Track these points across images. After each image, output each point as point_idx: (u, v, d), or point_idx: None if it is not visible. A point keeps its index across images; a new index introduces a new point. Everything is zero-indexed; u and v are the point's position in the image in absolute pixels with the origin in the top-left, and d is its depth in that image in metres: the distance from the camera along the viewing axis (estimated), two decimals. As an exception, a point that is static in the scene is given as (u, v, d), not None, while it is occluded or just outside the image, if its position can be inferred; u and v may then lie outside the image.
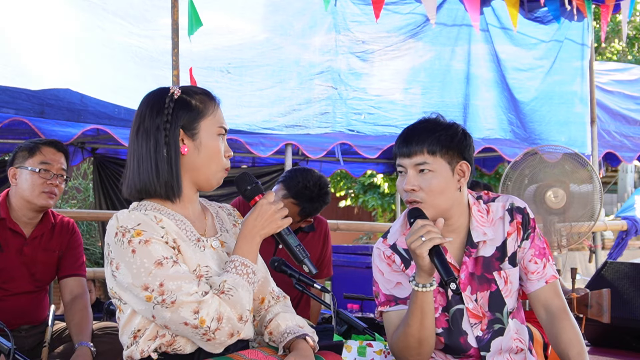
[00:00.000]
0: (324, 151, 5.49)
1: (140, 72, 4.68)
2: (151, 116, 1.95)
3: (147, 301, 1.83)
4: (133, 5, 4.77)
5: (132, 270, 1.83)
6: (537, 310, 2.29)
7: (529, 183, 4.22)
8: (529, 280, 2.28)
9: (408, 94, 5.69)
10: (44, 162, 3.01)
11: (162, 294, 1.81)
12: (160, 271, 1.82)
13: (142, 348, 1.91)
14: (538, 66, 6.09)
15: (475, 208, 2.28)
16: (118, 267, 1.86)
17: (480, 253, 2.26)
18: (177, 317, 1.81)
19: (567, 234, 4.21)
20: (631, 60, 13.73)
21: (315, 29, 5.36)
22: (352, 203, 12.28)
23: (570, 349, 2.21)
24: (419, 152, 2.17)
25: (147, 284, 1.82)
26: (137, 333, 1.92)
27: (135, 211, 1.92)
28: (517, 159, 4.21)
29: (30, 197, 3.00)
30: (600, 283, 3.77)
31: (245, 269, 1.91)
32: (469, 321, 2.25)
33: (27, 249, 3.05)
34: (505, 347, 2.26)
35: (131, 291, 1.85)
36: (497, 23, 5.89)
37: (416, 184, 2.17)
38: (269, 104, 5.18)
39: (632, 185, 13.87)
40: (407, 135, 2.22)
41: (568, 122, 6.11)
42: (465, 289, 2.24)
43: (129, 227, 1.86)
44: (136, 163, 1.95)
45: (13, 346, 2.56)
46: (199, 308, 1.81)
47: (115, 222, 1.89)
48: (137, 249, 1.84)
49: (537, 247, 2.29)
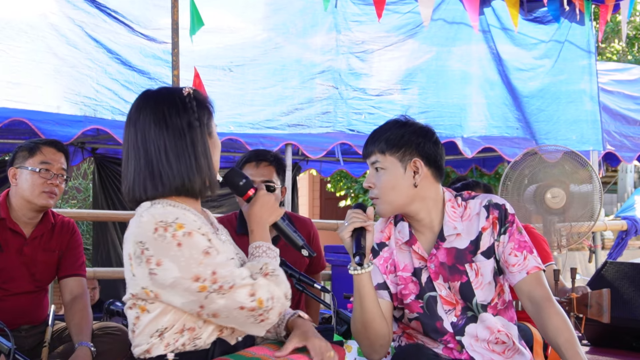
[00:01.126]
0: (323, 151, 5.49)
1: (143, 72, 4.68)
2: (177, 114, 1.96)
3: (200, 292, 1.83)
4: (133, 5, 4.77)
5: (180, 263, 1.83)
6: (523, 302, 2.34)
7: (528, 183, 4.23)
8: (510, 273, 2.33)
9: (407, 93, 5.70)
10: (44, 162, 3.01)
11: (215, 282, 1.83)
12: (210, 260, 1.85)
13: (167, 342, 1.91)
14: (539, 66, 6.09)
15: (449, 204, 2.37)
16: (160, 263, 1.84)
17: (454, 245, 2.34)
18: (232, 303, 1.85)
19: (567, 234, 4.21)
20: (631, 60, 13.72)
21: (316, 29, 5.37)
22: (352, 203, 12.27)
23: (559, 336, 2.24)
24: (372, 152, 2.35)
25: (198, 275, 1.83)
26: (164, 331, 1.92)
27: (167, 206, 1.92)
28: (516, 159, 4.22)
29: (30, 197, 3.00)
30: (600, 283, 3.78)
31: (273, 252, 2.02)
32: (443, 307, 2.33)
33: (27, 249, 3.05)
34: (482, 336, 2.31)
35: (178, 285, 1.84)
36: (497, 23, 5.90)
37: (372, 181, 2.34)
38: (271, 103, 5.19)
39: (632, 185, 13.86)
40: (368, 137, 2.39)
41: (578, 121, 6.08)
42: (437, 278, 2.34)
43: (169, 221, 1.85)
44: (173, 159, 1.95)
45: (13, 346, 2.56)
46: (254, 290, 1.86)
47: (151, 219, 1.86)
48: (183, 241, 1.84)
49: (517, 241, 2.33)
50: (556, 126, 6.04)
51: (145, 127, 1.96)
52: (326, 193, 12.91)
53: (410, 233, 2.38)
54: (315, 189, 14.00)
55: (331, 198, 13.06)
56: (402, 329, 2.45)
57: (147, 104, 1.99)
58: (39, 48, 4.50)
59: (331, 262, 5.37)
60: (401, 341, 2.46)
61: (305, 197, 13.65)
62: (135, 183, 1.97)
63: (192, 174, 1.96)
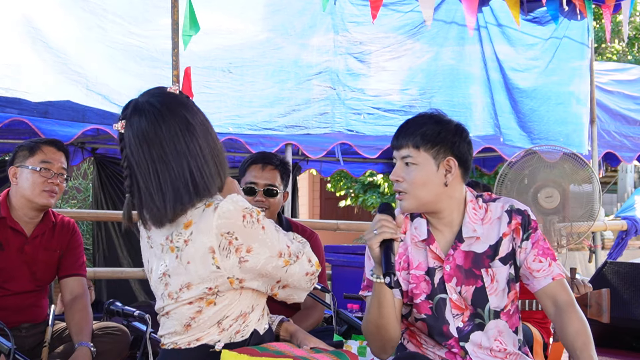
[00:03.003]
0: (324, 151, 5.50)
1: (141, 72, 4.68)
2: (191, 114, 1.99)
3: (284, 266, 1.99)
4: (133, 6, 4.77)
5: (267, 244, 1.95)
6: (546, 306, 2.33)
7: (529, 183, 4.22)
8: (534, 278, 2.31)
9: (406, 94, 5.70)
10: (45, 161, 3.02)
11: (290, 254, 2.00)
12: (280, 235, 2.00)
13: (223, 327, 2.00)
14: (534, 66, 6.10)
15: (471, 205, 2.34)
16: (250, 250, 1.94)
17: (472, 248, 2.32)
18: (301, 270, 2.03)
19: (567, 234, 4.21)
20: (631, 60, 13.72)
21: (315, 29, 5.37)
22: (352, 203, 12.27)
23: (576, 340, 2.24)
24: (405, 145, 2.28)
25: (280, 251, 1.98)
26: (223, 319, 2.00)
27: (236, 195, 1.98)
28: (512, 159, 4.21)
29: (31, 196, 3.00)
30: (600, 283, 3.78)
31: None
32: (451, 311, 2.31)
33: (28, 247, 3.05)
34: (485, 344, 2.30)
35: (268, 265, 1.96)
36: (495, 23, 5.90)
37: (401, 175, 2.28)
38: (269, 104, 5.19)
39: (632, 185, 13.86)
40: (400, 128, 2.33)
41: (566, 122, 6.11)
42: (451, 280, 2.30)
43: (251, 208, 1.96)
44: (210, 158, 1.99)
45: (13, 346, 2.57)
46: (309, 256, 2.05)
47: (237, 206, 1.93)
48: (265, 224, 1.97)
49: (541, 247, 2.32)
50: (547, 127, 6.06)
51: (173, 137, 1.95)
52: (326, 193, 12.92)
53: (428, 231, 2.34)
54: (315, 189, 14.00)
55: (331, 198, 13.07)
56: (406, 325, 2.43)
57: (161, 113, 1.96)
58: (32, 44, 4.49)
59: (331, 262, 5.38)
60: (404, 339, 2.44)
61: (305, 197, 13.65)
62: (169, 196, 1.94)
63: (225, 167, 2.04)
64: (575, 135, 6.09)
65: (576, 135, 6.09)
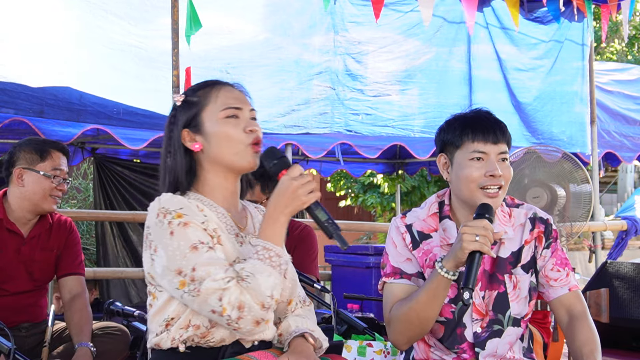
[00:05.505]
0: (324, 151, 5.50)
1: (140, 73, 4.67)
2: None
3: (178, 288, 1.80)
4: (132, 6, 4.76)
5: (168, 252, 1.82)
6: (559, 315, 2.33)
7: (529, 183, 4.22)
8: (551, 287, 2.32)
9: (405, 94, 5.68)
10: (56, 168, 3.02)
11: (193, 280, 1.78)
12: (194, 256, 1.80)
13: (173, 336, 1.89)
14: (539, 66, 6.09)
15: (499, 208, 2.33)
16: (156, 250, 1.85)
17: (499, 254, 2.30)
18: (205, 306, 1.80)
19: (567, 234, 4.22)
20: (631, 60, 13.72)
21: (314, 29, 5.36)
22: (352, 203, 12.27)
23: (584, 346, 2.25)
24: (501, 141, 2.24)
25: (180, 268, 1.80)
26: (170, 321, 1.90)
27: (179, 196, 1.92)
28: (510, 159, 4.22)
29: (38, 201, 3.00)
30: (600, 283, 3.78)
31: (267, 252, 1.84)
32: (471, 315, 2.28)
33: (24, 248, 3.04)
34: (500, 352, 2.29)
35: (165, 276, 1.83)
36: (497, 23, 5.89)
37: (502, 171, 2.22)
38: (268, 104, 5.18)
39: (632, 185, 13.87)
40: (487, 122, 2.26)
41: (569, 122, 6.12)
42: (477, 284, 2.27)
43: (170, 209, 1.85)
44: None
45: (13, 346, 2.57)
46: (222, 295, 1.77)
47: (157, 204, 1.88)
48: (176, 230, 1.82)
49: (559, 257, 2.33)
50: (550, 127, 6.05)
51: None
52: (326, 193, 12.91)
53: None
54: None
55: (331, 198, 13.06)
56: None
57: None
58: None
59: (331, 262, 5.38)
60: None
61: (305, 197, 13.61)
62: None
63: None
64: (579, 135, 6.09)
65: (580, 135, 6.10)
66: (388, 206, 11.79)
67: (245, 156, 1.96)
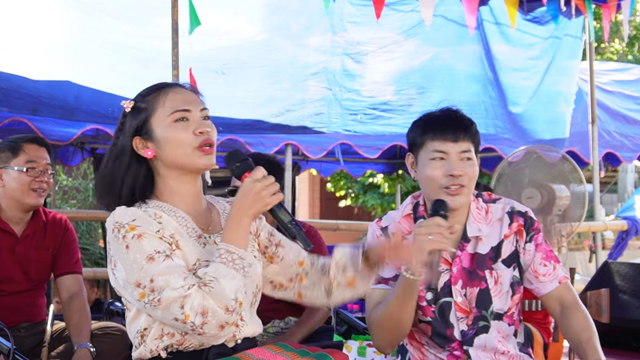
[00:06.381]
0: (324, 151, 5.49)
1: (137, 73, 4.66)
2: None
3: (139, 300, 1.80)
4: (130, 6, 4.76)
5: (126, 266, 1.82)
6: (552, 308, 2.34)
7: (529, 183, 4.23)
8: (540, 282, 2.32)
9: (404, 94, 5.67)
10: (29, 160, 3.00)
11: (152, 290, 1.78)
12: (151, 266, 1.79)
13: (150, 348, 1.89)
14: (533, 66, 6.09)
15: (474, 205, 2.32)
16: (116, 264, 1.85)
17: (476, 250, 2.30)
18: (167, 314, 1.79)
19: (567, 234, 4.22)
20: (631, 60, 13.70)
21: (312, 30, 5.35)
22: (352, 203, 12.26)
23: (581, 333, 2.27)
24: (462, 139, 2.23)
25: (139, 281, 1.80)
26: (144, 332, 1.90)
27: (133, 208, 1.90)
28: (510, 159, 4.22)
29: (20, 197, 2.99)
30: (600, 283, 3.78)
31: (230, 255, 1.83)
32: (455, 315, 2.29)
33: (19, 247, 3.04)
34: (489, 346, 2.29)
35: (126, 289, 1.84)
36: (494, 22, 5.89)
37: (465, 170, 2.22)
38: (262, 105, 5.16)
39: (632, 185, 13.87)
40: (448, 120, 2.26)
41: (556, 121, 6.12)
42: (456, 283, 2.28)
43: (124, 223, 1.84)
44: None
45: (13, 346, 2.57)
46: (183, 303, 1.76)
47: (111, 219, 1.87)
48: (131, 244, 1.82)
49: (544, 251, 2.33)
50: (536, 126, 6.05)
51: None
52: (326, 193, 12.91)
53: None
54: (315, 189, 14.00)
55: (331, 198, 13.06)
56: None
57: None
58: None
59: (331, 262, 5.36)
60: (404, 340, 2.42)
61: (305, 197, 13.66)
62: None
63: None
64: (560, 134, 6.08)
65: (560, 134, 6.08)
66: (388, 207, 11.78)
67: (196, 159, 1.94)
